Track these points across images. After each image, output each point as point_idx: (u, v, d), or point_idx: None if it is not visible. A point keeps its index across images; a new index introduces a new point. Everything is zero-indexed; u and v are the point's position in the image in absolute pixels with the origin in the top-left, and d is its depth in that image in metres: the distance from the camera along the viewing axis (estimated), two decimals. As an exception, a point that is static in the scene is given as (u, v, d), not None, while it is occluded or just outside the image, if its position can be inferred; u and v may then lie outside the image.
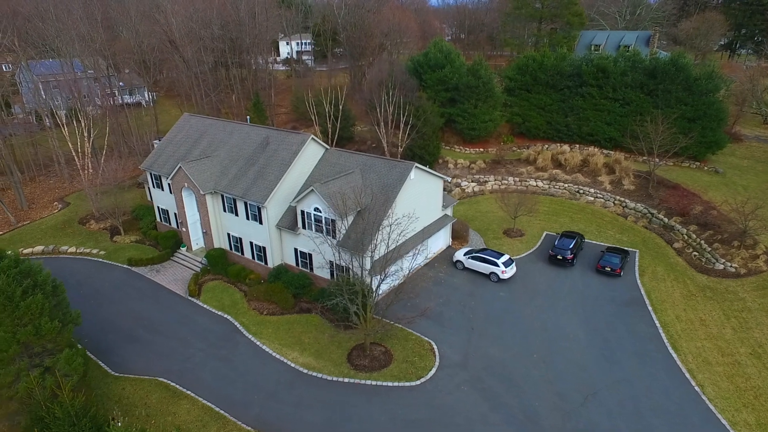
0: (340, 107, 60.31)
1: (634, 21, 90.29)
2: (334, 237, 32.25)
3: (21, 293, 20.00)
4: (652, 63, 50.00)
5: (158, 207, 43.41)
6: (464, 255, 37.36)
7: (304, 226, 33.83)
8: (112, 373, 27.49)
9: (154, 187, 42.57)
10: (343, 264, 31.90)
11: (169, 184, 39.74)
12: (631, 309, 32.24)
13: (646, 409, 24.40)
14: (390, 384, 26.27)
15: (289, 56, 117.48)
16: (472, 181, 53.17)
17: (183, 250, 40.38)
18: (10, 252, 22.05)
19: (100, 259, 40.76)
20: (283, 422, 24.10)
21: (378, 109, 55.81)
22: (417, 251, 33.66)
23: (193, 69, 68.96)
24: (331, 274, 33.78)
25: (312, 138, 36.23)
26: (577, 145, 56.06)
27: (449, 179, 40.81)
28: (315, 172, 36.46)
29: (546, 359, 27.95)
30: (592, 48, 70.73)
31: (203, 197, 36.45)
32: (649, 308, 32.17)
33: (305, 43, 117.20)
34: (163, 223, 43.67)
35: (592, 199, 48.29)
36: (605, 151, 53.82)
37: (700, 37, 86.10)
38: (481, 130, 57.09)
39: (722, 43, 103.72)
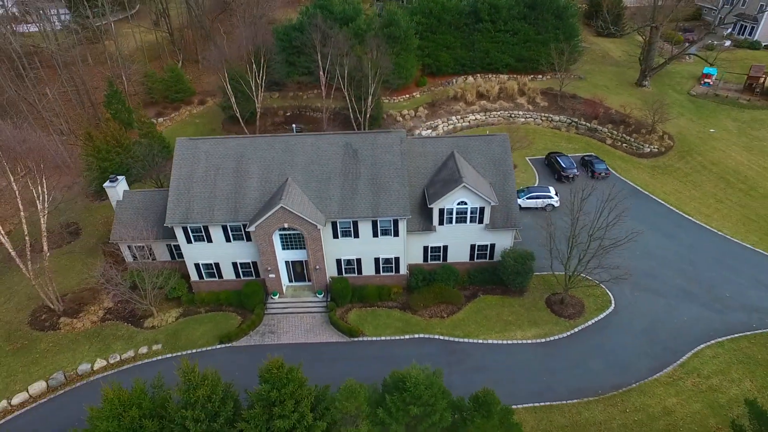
0: (261, 76, 52.51)
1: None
2: (480, 222, 34.01)
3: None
4: (530, -4, 60.57)
5: (198, 264, 34.38)
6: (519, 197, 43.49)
7: (441, 223, 33.99)
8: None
9: (190, 242, 33.20)
10: (488, 243, 34.87)
11: (249, 233, 32.15)
12: (639, 199, 44.78)
13: (695, 244, 37.81)
14: (603, 315, 32.77)
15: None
16: (427, 128, 56.92)
17: (275, 298, 34.44)
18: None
19: (169, 355, 31.38)
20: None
21: (322, 73, 52.05)
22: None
23: None
24: (471, 256, 35.75)
25: (406, 132, 34.54)
26: (479, 75, 64.57)
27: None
28: (411, 166, 35.17)
29: (656, 256, 38.00)
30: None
31: (318, 232, 31.62)
32: (646, 193, 45.51)
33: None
34: (206, 279, 35.17)
35: (524, 120, 58.92)
36: (508, 76, 63.93)
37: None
38: (408, 78, 59.54)
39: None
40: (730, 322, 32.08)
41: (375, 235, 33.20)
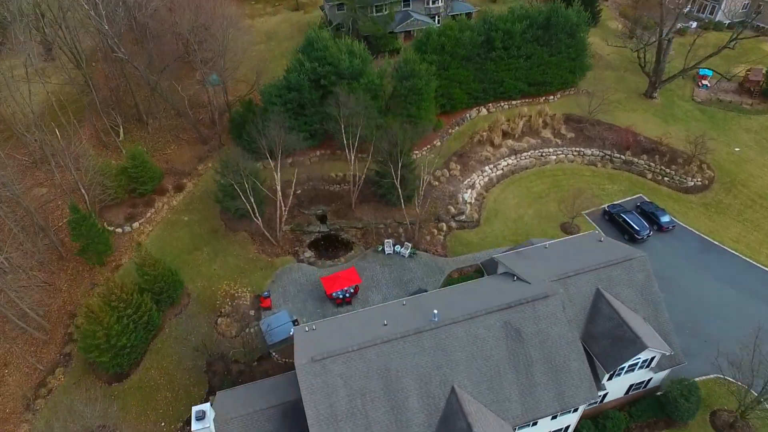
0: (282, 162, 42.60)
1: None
2: (648, 367, 31.09)
3: None
4: (544, 16, 54.52)
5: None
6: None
7: (610, 379, 30.50)
8: None
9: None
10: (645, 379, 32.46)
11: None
12: (712, 253, 44.20)
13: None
14: None
15: None
16: (467, 188, 51.24)
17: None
18: None
19: None
20: None
21: (349, 148, 43.96)
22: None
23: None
24: (626, 392, 33.08)
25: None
26: (491, 104, 58.75)
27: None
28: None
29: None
30: None
31: (507, 446, 26.56)
32: (716, 243, 45.13)
33: None
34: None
35: (555, 158, 55.25)
36: (521, 101, 58.97)
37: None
38: (428, 127, 52.35)
39: None
40: None
41: (553, 417, 28.93)
